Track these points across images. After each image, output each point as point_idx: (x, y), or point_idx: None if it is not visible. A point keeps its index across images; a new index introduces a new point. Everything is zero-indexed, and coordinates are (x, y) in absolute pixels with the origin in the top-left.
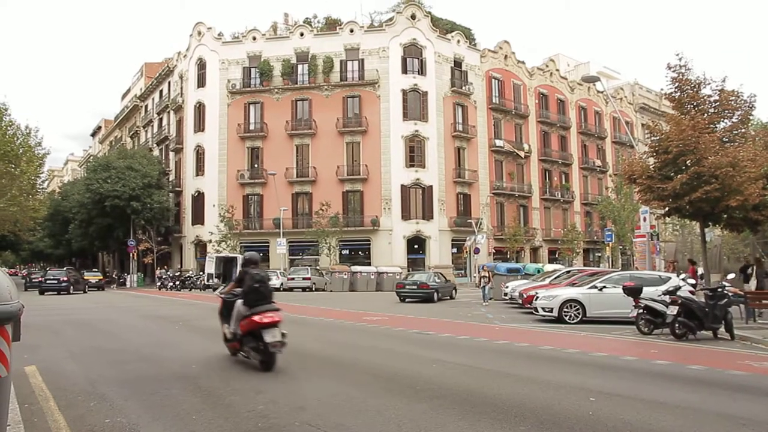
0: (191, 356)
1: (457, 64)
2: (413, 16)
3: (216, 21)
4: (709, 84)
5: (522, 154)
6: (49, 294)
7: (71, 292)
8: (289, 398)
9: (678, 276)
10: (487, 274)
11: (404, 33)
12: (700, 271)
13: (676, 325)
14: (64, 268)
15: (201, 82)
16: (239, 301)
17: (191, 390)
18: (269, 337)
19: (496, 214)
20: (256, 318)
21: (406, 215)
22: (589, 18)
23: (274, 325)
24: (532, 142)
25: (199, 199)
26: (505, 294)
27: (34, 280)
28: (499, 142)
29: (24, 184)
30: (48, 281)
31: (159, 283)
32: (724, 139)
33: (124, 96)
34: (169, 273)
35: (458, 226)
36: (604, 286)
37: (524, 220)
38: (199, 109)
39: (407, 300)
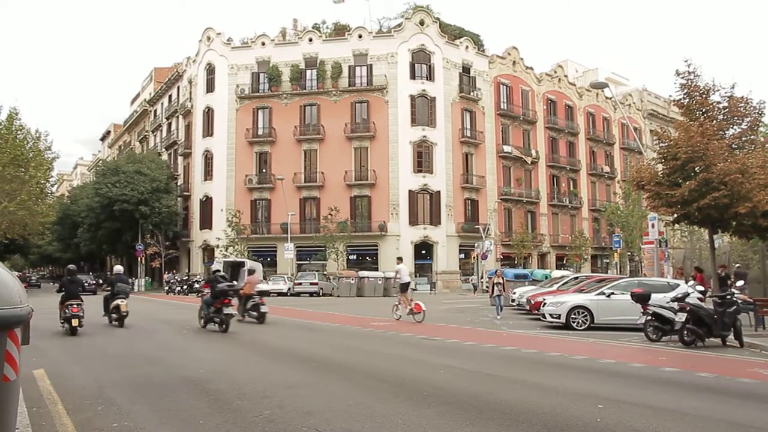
0: (198, 360)
1: (466, 69)
2: (422, 22)
3: (225, 26)
4: (718, 90)
5: (529, 160)
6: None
7: (96, 293)
8: (297, 403)
9: (687, 283)
10: (501, 281)
11: (413, 39)
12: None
13: (685, 332)
14: (90, 273)
15: (210, 87)
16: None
17: (198, 394)
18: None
19: (503, 219)
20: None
21: (413, 221)
22: (597, 24)
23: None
24: (540, 148)
25: (207, 203)
26: (513, 300)
27: (32, 282)
28: (507, 148)
29: (33, 188)
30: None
31: (167, 288)
32: (733, 146)
33: (133, 101)
34: (176, 277)
35: (466, 232)
36: (612, 293)
37: (532, 226)
38: (208, 113)
39: None
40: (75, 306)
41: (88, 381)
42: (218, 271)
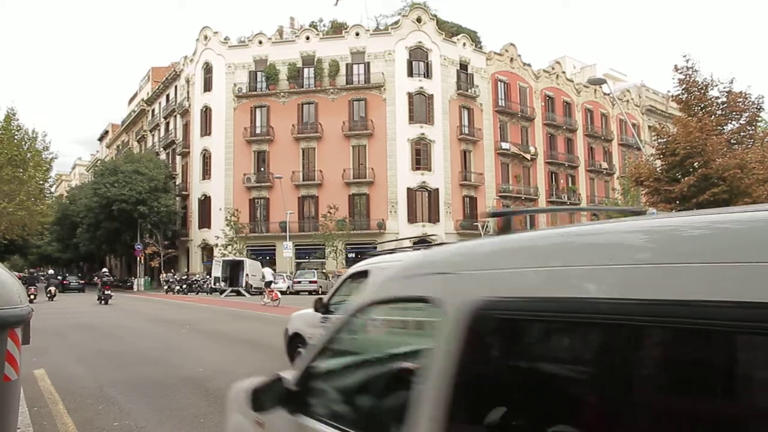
0: (198, 360)
1: (463, 66)
2: (419, 20)
3: (222, 25)
4: (717, 86)
5: (528, 156)
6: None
7: (84, 291)
8: None
9: None
10: None
11: (410, 36)
12: None
13: None
14: (79, 275)
15: (207, 86)
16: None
17: (198, 393)
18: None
19: None
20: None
21: (412, 218)
22: (595, 20)
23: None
24: (538, 145)
25: (205, 202)
26: None
27: (25, 283)
28: (505, 145)
29: (32, 189)
30: (71, 283)
31: (166, 287)
32: (731, 141)
33: (131, 100)
34: (175, 277)
35: (464, 229)
36: None
37: (531, 223)
38: (206, 113)
39: None
40: (32, 288)
41: (88, 380)
42: (106, 271)
